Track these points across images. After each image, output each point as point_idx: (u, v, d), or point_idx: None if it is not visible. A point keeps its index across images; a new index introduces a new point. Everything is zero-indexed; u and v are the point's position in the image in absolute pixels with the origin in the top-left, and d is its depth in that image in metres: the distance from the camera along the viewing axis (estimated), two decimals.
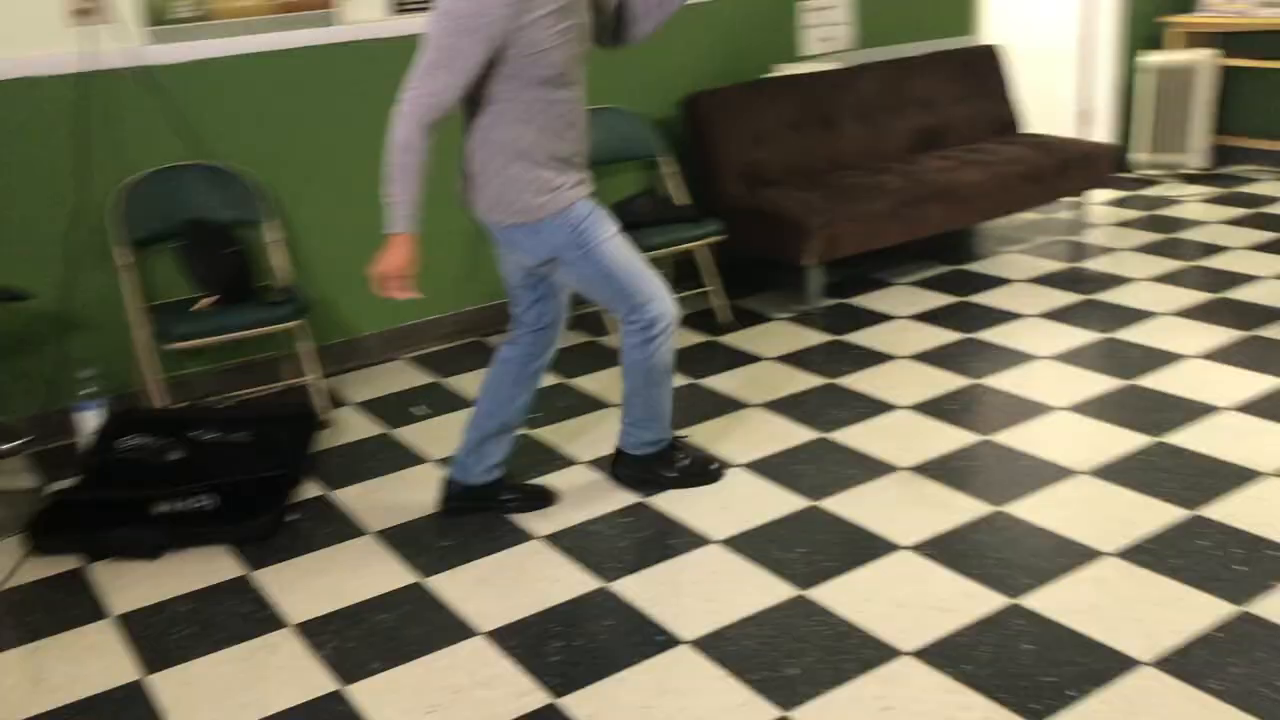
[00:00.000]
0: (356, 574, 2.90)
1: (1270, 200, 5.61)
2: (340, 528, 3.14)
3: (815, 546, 2.87)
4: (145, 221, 3.73)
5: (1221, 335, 4.00)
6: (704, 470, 3.21)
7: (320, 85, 4.02)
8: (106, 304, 3.76)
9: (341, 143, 4.10)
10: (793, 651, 2.47)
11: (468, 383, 4.06)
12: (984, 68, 5.39)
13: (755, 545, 2.89)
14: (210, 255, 3.64)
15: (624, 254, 2.86)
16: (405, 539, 3.06)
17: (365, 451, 3.59)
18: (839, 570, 2.76)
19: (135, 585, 2.90)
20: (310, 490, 3.35)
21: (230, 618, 2.75)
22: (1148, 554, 2.73)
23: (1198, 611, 2.50)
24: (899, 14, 5.32)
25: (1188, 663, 2.34)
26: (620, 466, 3.22)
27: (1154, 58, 5.94)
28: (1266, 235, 5.08)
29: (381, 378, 4.17)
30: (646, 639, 2.55)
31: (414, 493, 3.30)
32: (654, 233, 4.16)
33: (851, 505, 3.05)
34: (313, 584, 2.87)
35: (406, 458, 3.52)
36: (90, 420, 3.53)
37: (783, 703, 2.31)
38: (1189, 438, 3.28)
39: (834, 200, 4.43)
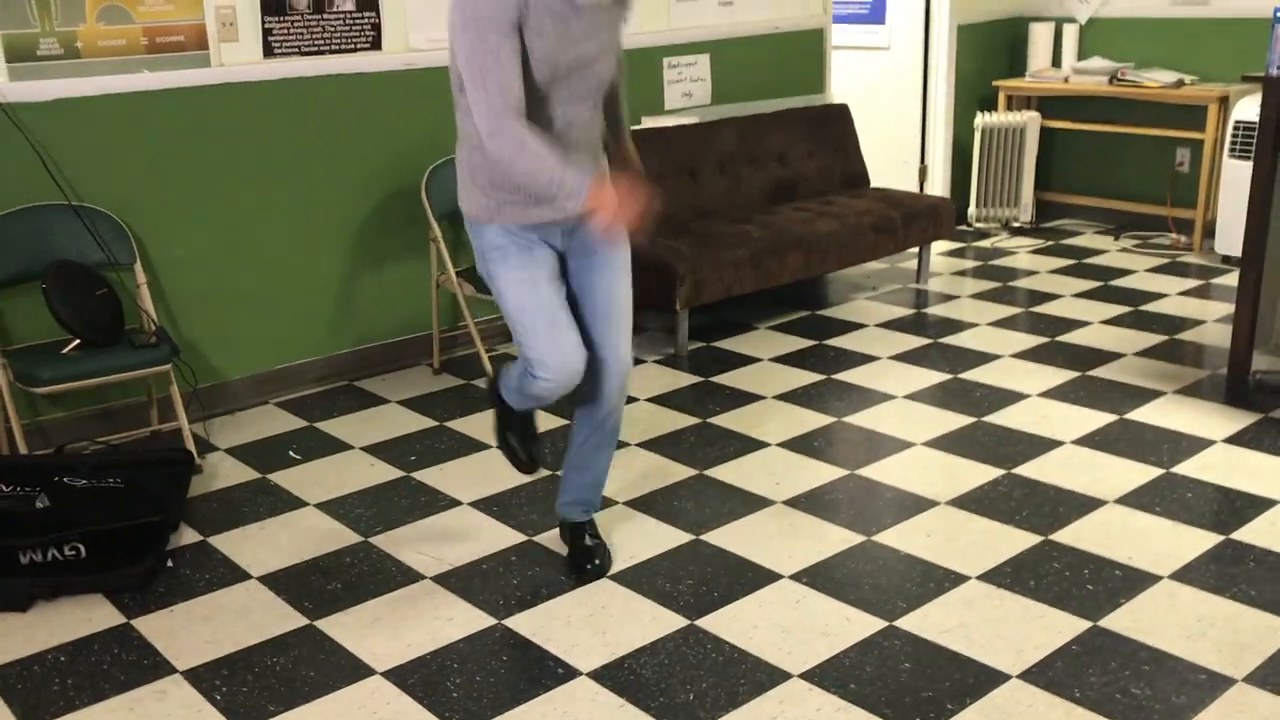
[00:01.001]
0: (243, 619, 2.87)
1: (1091, 252, 6.06)
2: (222, 573, 3.09)
3: (701, 578, 2.98)
4: (6, 262, 3.62)
5: (1057, 376, 4.31)
6: (524, 443, 3.07)
7: (193, 127, 3.98)
8: None
9: (212, 185, 4.06)
10: (687, 679, 2.56)
11: (341, 427, 4.04)
12: (834, 125, 5.69)
13: (643, 578, 2.98)
14: (77, 297, 3.54)
15: (524, 307, 2.70)
16: (290, 583, 3.03)
17: (241, 497, 3.54)
18: (725, 600, 2.87)
19: (6, 637, 2.80)
20: (187, 536, 3.29)
21: (113, 666, 2.68)
22: (1007, 576, 2.94)
23: (1056, 627, 2.71)
24: (754, 72, 5.57)
25: (1051, 673, 2.53)
26: (491, 387, 3.08)
27: (986, 119, 6.36)
28: (1090, 284, 5.49)
29: (251, 423, 4.11)
30: (546, 672, 2.61)
31: (295, 537, 3.27)
32: None
33: (732, 538, 3.18)
34: (197, 630, 2.82)
35: (284, 502, 3.49)
36: None
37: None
38: (1035, 469, 3.54)
39: (700, 248, 4.60)
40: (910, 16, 6.48)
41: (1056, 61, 6.50)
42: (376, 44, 4.34)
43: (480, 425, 4.01)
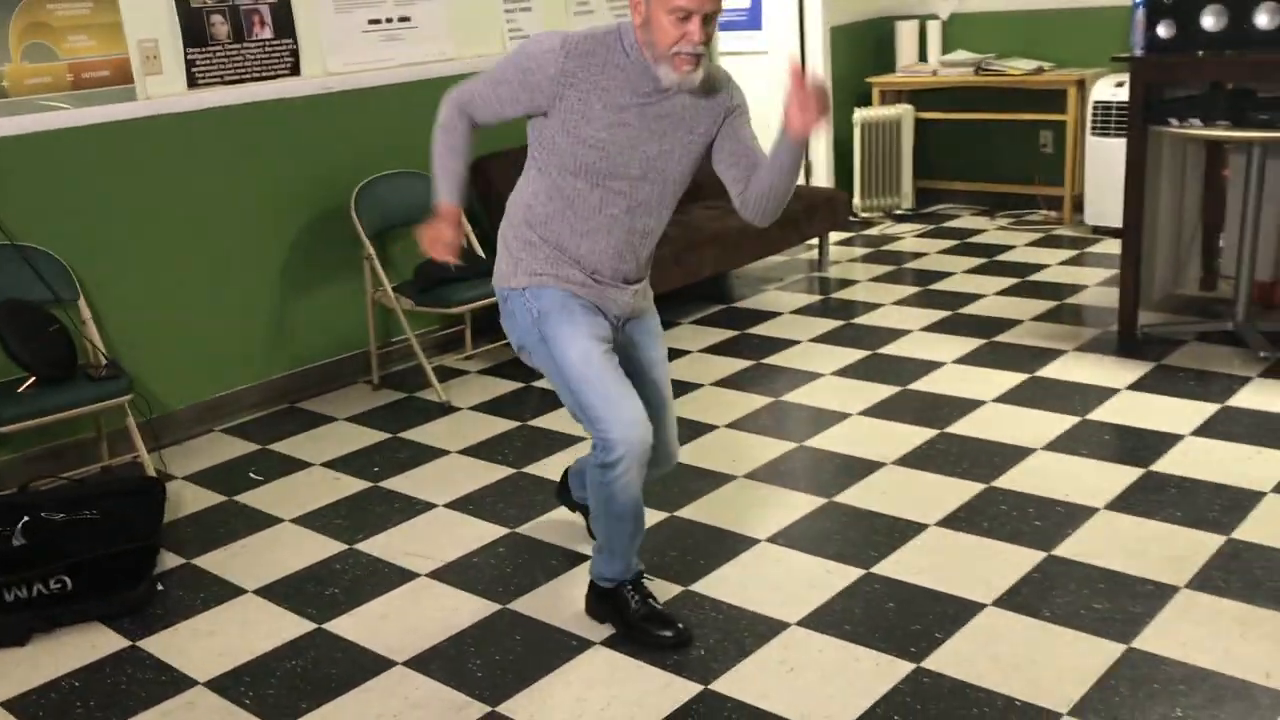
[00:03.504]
0: (251, 629, 2.94)
1: (972, 232, 6.46)
2: (216, 591, 3.14)
3: (684, 550, 3.16)
4: None
5: (965, 344, 4.63)
6: (660, 620, 2.74)
7: (123, 161, 3.99)
8: None
9: (144, 217, 4.08)
10: (695, 636, 2.74)
11: (295, 447, 4.09)
12: None
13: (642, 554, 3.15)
14: (31, 334, 3.54)
15: (591, 363, 2.53)
16: (287, 593, 3.11)
17: (214, 519, 3.58)
18: (712, 566, 3.06)
19: (10, 671, 2.81)
20: (170, 560, 3.32)
21: (132, 685, 2.72)
22: (962, 521, 3.21)
23: (1015, 559, 2.98)
24: None
25: (1020, 599, 2.80)
26: (590, 596, 2.86)
27: (863, 114, 6.72)
28: (976, 260, 5.87)
29: (202, 450, 4.13)
30: (561, 645, 2.76)
31: (280, 551, 3.34)
32: (467, 287, 4.37)
33: (704, 512, 3.37)
34: (208, 644, 2.88)
35: (261, 519, 3.55)
36: None
37: (701, 679, 2.58)
38: (966, 427, 3.83)
39: None
40: (785, 21, 6.81)
41: (923, 56, 6.91)
42: (295, 70, 4.41)
43: (434, 433, 4.12)
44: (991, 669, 2.53)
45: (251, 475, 3.88)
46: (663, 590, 2.95)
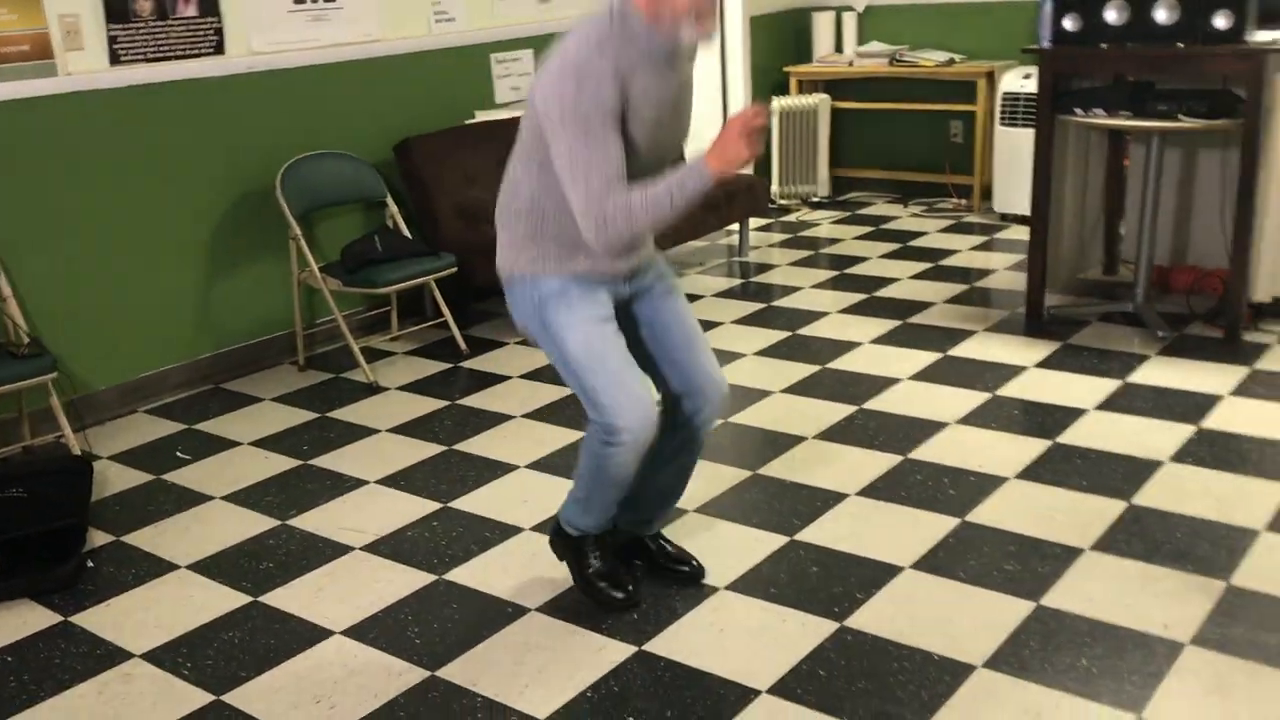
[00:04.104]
0: (186, 603, 2.95)
1: (886, 219, 6.65)
2: (148, 567, 3.15)
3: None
4: None
5: (881, 325, 4.79)
6: (614, 580, 2.82)
7: (43, 138, 3.94)
8: None
9: (65, 195, 4.04)
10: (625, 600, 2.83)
11: (222, 426, 4.09)
12: None
13: None
14: None
15: (592, 350, 2.54)
16: (221, 567, 3.12)
17: (142, 497, 3.57)
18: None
19: None
20: (99, 538, 3.31)
21: (67, 658, 2.73)
22: (880, 490, 3.34)
23: (931, 525, 3.12)
24: None
25: (936, 561, 2.94)
26: (553, 537, 2.92)
27: (781, 102, 6.86)
28: (891, 245, 6.05)
29: (127, 430, 4.11)
30: (498, 613, 2.82)
31: (210, 528, 3.35)
32: (394, 267, 4.40)
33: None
34: (143, 618, 2.89)
35: (191, 497, 3.55)
36: None
37: (634, 640, 2.67)
38: (882, 403, 3.98)
39: None
40: None
41: (839, 47, 7.07)
42: (220, 48, 4.39)
43: (363, 412, 4.15)
44: (910, 626, 2.67)
45: (179, 454, 3.87)
46: None
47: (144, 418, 4.23)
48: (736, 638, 2.66)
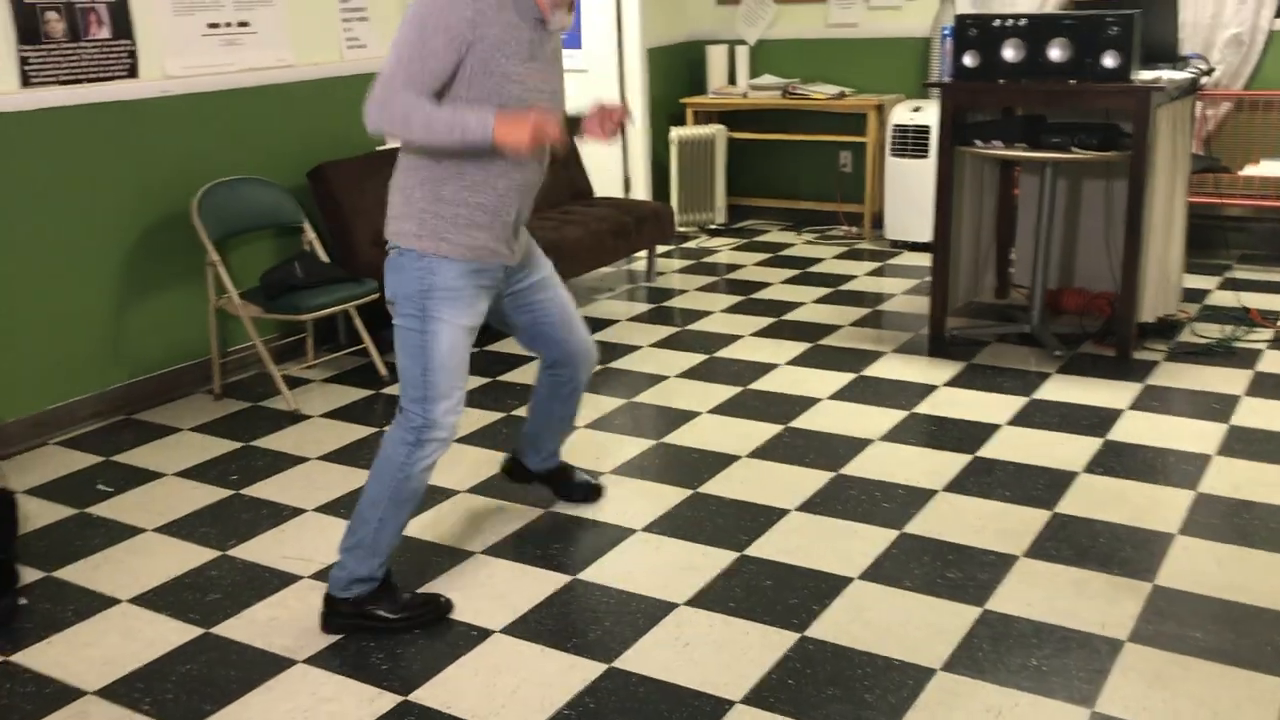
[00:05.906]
0: (132, 637, 2.88)
1: (782, 246, 6.84)
2: (87, 602, 3.05)
3: (568, 541, 3.29)
4: None
5: (794, 348, 4.94)
6: (433, 603, 2.92)
7: None
8: None
9: None
10: (591, 620, 2.87)
11: (142, 457, 3.98)
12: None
13: (517, 549, 3.25)
14: None
15: (455, 352, 2.73)
16: (165, 600, 3.05)
17: (68, 532, 3.46)
18: (596, 555, 3.20)
19: None
20: (29, 575, 3.19)
21: (14, 699, 2.63)
22: (818, 505, 3.46)
23: (872, 538, 3.25)
24: None
25: (883, 571, 3.06)
26: (329, 615, 2.86)
27: (679, 132, 7.01)
28: (790, 272, 6.24)
29: (39, 463, 3.97)
30: (463, 634, 2.83)
31: (147, 560, 3.27)
32: (317, 294, 4.35)
33: (577, 508, 3.50)
34: (89, 655, 2.81)
35: (120, 530, 3.45)
36: None
37: (604, 658, 2.71)
38: (807, 421, 4.11)
39: None
40: (605, 41, 7.03)
41: (733, 79, 7.27)
42: (133, 72, 4.30)
43: (289, 440, 4.09)
44: (867, 634, 2.78)
45: (100, 487, 3.76)
46: (551, 580, 3.07)
47: (56, 449, 4.09)
48: (703, 651, 2.73)
